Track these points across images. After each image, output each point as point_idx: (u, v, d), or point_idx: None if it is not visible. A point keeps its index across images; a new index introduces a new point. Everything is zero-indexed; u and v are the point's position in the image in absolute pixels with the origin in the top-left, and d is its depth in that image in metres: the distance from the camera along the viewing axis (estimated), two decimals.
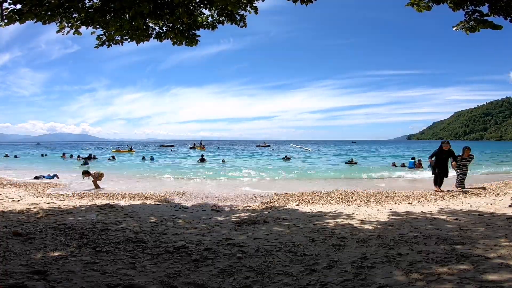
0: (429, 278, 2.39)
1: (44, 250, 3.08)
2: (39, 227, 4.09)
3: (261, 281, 2.45)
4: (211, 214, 5.59)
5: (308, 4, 5.19)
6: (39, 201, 7.00)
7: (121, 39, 5.33)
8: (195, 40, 5.56)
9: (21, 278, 2.32)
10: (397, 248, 3.21)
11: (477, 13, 4.21)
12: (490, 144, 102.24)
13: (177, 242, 3.54)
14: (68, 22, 4.90)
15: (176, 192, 9.49)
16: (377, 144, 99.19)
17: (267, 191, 9.93)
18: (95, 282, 2.35)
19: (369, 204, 6.81)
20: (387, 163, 21.51)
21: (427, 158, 10.40)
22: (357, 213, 5.50)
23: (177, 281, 2.42)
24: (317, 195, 8.53)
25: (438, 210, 5.63)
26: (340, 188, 9.81)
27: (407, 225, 4.36)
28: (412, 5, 4.57)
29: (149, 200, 7.75)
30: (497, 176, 14.51)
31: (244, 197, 8.34)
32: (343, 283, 2.39)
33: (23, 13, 4.28)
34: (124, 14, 4.71)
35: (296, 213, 5.68)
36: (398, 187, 10.19)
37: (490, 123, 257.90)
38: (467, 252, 2.97)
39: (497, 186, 9.57)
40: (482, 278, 2.34)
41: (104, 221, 4.66)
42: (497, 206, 5.81)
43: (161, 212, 5.75)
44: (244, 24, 5.60)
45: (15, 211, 5.39)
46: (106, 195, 8.69)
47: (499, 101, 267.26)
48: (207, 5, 5.27)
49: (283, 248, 3.31)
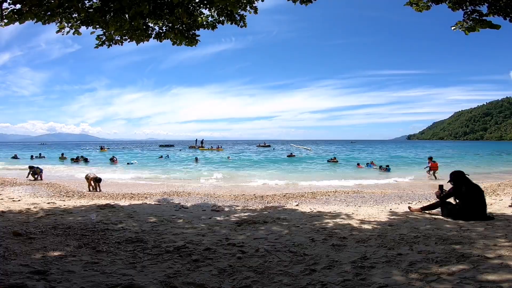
0: (429, 278, 2.39)
1: (44, 250, 3.08)
2: (39, 227, 4.09)
3: (261, 281, 2.45)
4: (211, 214, 5.59)
5: (307, 4, 5.19)
6: (39, 201, 7.00)
7: (121, 39, 5.33)
8: (195, 40, 5.56)
9: (21, 278, 2.32)
10: (397, 248, 3.21)
11: (476, 13, 4.21)
12: (490, 144, 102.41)
13: (177, 242, 3.53)
14: (68, 22, 4.90)
15: (176, 192, 9.50)
16: (376, 144, 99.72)
17: (267, 191, 9.94)
18: (95, 282, 2.35)
19: (369, 204, 6.82)
20: (362, 162, 24.47)
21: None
22: (357, 213, 5.50)
23: (177, 281, 2.42)
24: (317, 195, 8.53)
25: (438, 210, 5.63)
26: (339, 188, 9.82)
27: (407, 225, 4.36)
28: (411, 4, 4.57)
29: (149, 200, 7.75)
30: (496, 176, 14.52)
31: (244, 197, 8.34)
32: (343, 283, 2.39)
33: (23, 13, 4.28)
34: (123, 14, 4.70)
35: (296, 213, 5.68)
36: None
37: (490, 123, 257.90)
38: (467, 252, 2.97)
39: (497, 186, 9.57)
40: (482, 278, 2.34)
41: (104, 221, 4.66)
42: (497, 206, 5.81)
43: (161, 212, 5.75)
44: (244, 24, 5.60)
45: (15, 211, 5.39)
46: (106, 195, 8.69)
47: (499, 101, 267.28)
48: (207, 5, 5.27)
49: (283, 248, 3.31)
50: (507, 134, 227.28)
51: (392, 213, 5.45)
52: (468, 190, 4.75)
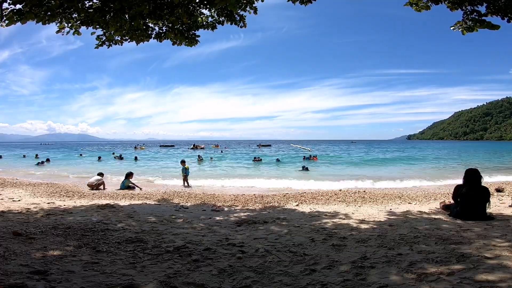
0: (429, 278, 2.39)
1: (44, 250, 3.08)
2: (39, 227, 4.09)
3: (261, 281, 2.45)
4: (211, 214, 5.59)
5: (307, 5, 5.19)
6: (39, 201, 7.00)
7: (121, 39, 5.33)
8: (195, 41, 5.57)
9: (21, 278, 2.32)
10: (397, 248, 3.22)
11: (475, 13, 4.21)
12: (490, 144, 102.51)
13: (177, 242, 3.54)
14: (68, 22, 4.90)
15: (176, 192, 9.50)
16: (375, 144, 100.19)
17: (267, 191, 9.94)
18: (95, 282, 2.35)
19: (369, 204, 6.82)
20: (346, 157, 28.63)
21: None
22: (357, 213, 5.50)
23: (177, 281, 2.42)
24: (317, 195, 8.54)
25: (438, 210, 5.63)
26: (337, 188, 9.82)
27: (407, 225, 4.36)
28: (410, 4, 4.56)
29: (148, 200, 7.75)
30: (497, 176, 14.53)
31: (244, 197, 8.34)
32: (343, 283, 2.39)
33: (23, 13, 4.28)
34: (123, 14, 4.71)
35: (296, 213, 5.68)
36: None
37: (490, 123, 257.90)
38: (466, 252, 2.97)
39: (497, 186, 9.56)
40: (482, 278, 2.34)
41: (104, 221, 4.66)
42: (497, 206, 5.81)
43: (161, 212, 5.75)
44: (244, 24, 5.60)
45: (15, 211, 5.39)
46: (106, 195, 8.69)
47: (499, 101, 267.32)
48: (206, 5, 5.28)
49: (283, 248, 3.31)
50: (507, 134, 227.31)
51: (392, 213, 5.45)
52: (468, 191, 4.75)
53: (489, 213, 4.81)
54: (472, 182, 4.84)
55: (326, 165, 24.67)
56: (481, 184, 4.89)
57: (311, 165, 22.10)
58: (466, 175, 4.98)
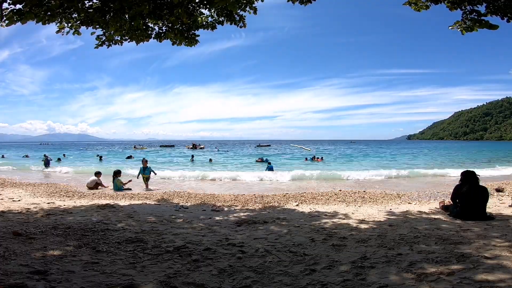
0: (429, 278, 2.40)
1: (44, 250, 3.08)
2: (39, 227, 4.09)
3: (261, 281, 2.46)
4: (210, 214, 5.59)
5: (307, 5, 5.19)
6: (39, 201, 7.00)
7: (121, 39, 5.33)
8: (195, 41, 5.56)
9: (21, 278, 2.32)
10: (397, 248, 3.22)
11: (474, 13, 4.21)
12: (490, 144, 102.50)
13: (177, 242, 3.54)
14: (68, 22, 4.90)
15: (176, 192, 9.49)
16: (373, 144, 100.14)
17: (266, 191, 9.94)
18: (95, 282, 2.35)
19: (369, 204, 6.82)
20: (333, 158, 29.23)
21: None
22: (357, 213, 5.50)
23: (177, 281, 2.42)
24: (317, 195, 8.53)
25: (438, 210, 5.63)
26: (335, 188, 9.82)
27: (407, 225, 4.36)
28: (410, 4, 4.55)
29: (148, 200, 7.75)
30: (496, 176, 14.52)
31: (244, 197, 8.34)
32: (343, 283, 2.39)
33: (23, 13, 4.28)
34: (123, 14, 4.70)
35: (296, 213, 5.68)
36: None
37: (490, 123, 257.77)
38: (466, 252, 2.97)
39: (497, 186, 9.56)
40: (481, 278, 2.34)
41: (104, 221, 4.66)
42: (497, 206, 5.81)
43: (161, 212, 5.75)
44: (244, 24, 5.60)
45: (15, 211, 5.39)
46: (106, 195, 8.69)
47: (499, 101, 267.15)
48: (206, 5, 5.27)
49: (283, 248, 3.31)
50: (507, 134, 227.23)
51: (392, 213, 5.45)
52: (468, 191, 4.75)
53: (489, 213, 4.82)
54: (471, 182, 4.85)
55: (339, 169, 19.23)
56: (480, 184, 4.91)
57: (312, 166, 21.47)
58: (464, 175, 4.99)
